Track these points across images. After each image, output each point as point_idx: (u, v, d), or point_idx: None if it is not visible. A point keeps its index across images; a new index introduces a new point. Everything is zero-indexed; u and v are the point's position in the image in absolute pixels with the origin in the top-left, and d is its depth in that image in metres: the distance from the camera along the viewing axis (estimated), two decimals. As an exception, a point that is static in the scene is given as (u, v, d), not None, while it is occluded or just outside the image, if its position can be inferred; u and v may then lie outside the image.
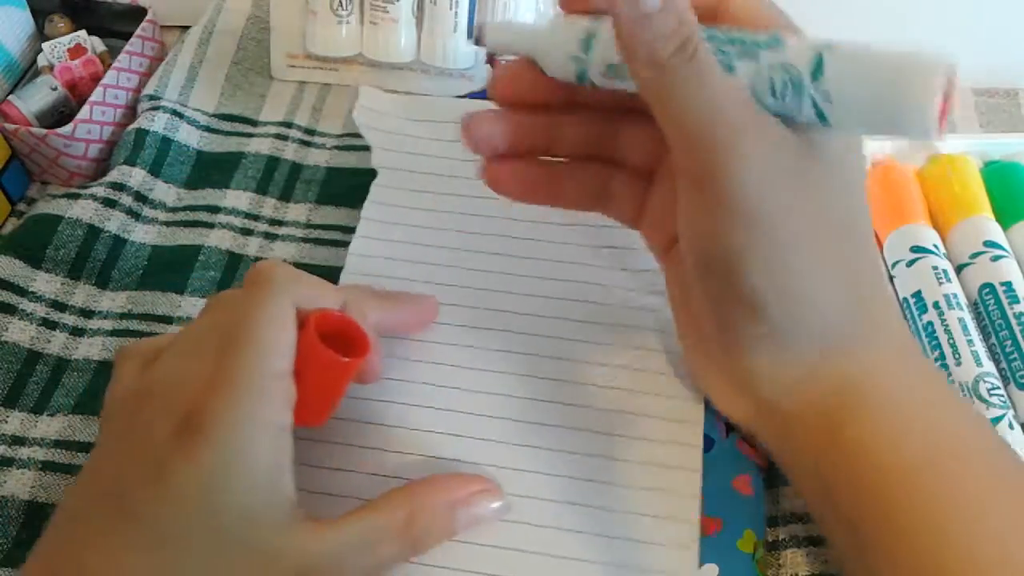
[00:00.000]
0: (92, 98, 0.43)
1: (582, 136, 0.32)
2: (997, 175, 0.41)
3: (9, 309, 0.38)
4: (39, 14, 0.46)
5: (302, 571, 0.26)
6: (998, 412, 0.32)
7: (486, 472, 0.31)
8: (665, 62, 0.24)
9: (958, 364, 0.34)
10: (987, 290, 0.37)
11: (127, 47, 0.46)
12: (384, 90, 0.47)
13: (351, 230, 0.42)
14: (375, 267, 0.37)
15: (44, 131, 0.41)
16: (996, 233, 0.38)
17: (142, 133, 0.44)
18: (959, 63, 0.23)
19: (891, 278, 0.39)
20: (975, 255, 0.38)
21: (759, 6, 0.27)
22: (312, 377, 0.28)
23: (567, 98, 0.31)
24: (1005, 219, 0.39)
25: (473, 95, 0.46)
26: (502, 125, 0.31)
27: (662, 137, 0.27)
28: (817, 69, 0.23)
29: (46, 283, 0.39)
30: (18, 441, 0.35)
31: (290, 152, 0.45)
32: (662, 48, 0.24)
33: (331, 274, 0.40)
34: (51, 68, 0.44)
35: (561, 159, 0.33)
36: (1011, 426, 0.32)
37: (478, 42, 0.31)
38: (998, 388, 0.33)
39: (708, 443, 0.32)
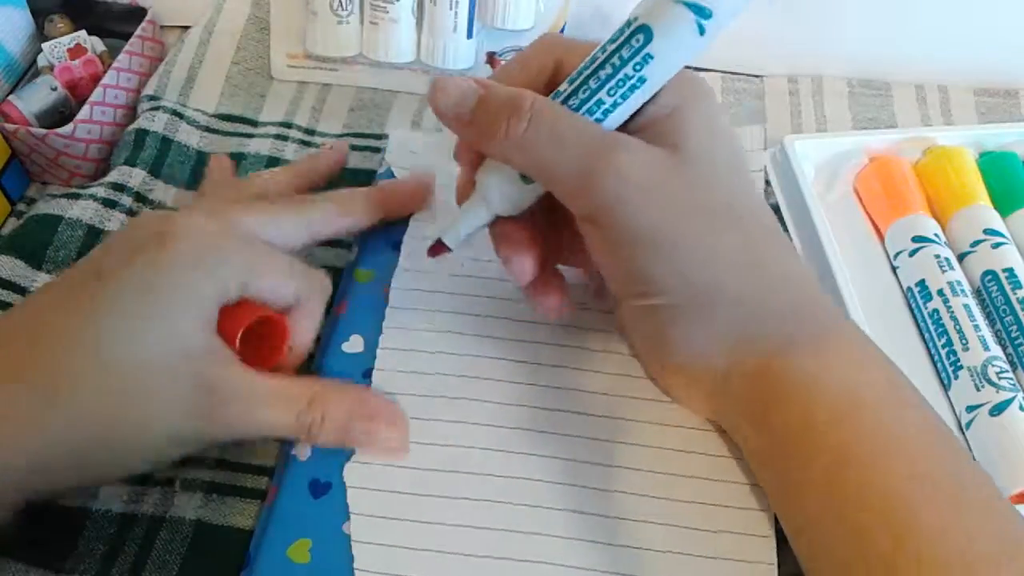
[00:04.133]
0: (92, 98, 0.43)
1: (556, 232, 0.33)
2: (993, 164, 0.41)
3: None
4: (39, 14, 0.46)
5: (207, 381, 0.29)
6: (1008, 395, 0.32)
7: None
8: (508, 136, 0.28)
9: (966, 349, 0.34)
10: (989, 277, 0.37)
11: (127, 47, 0.46)
12: (389, 91, 0.48)
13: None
14: (418, 300, 0.37)
15: (44, 131, 0.41)
16: (995, 221, 0.39)
17: (142, 133, 0.44)
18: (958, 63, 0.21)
19: (894, 269, 0.39)
20: (976, 243, 0.38)
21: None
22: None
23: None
24: (1003, 207, 0.40)
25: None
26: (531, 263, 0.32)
27: None
28: None
29: (47, 282, 0.39)
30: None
31: (290, 152, 0.45)
32: (499, 129, 0.29)
33: (331, 275, 0.40)
34: (51, 68, 0.44)
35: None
36: (1021, 407, 0.32)
37: (434, 254, 0.33)
38: (1007, 371, 0.33)
39: None
